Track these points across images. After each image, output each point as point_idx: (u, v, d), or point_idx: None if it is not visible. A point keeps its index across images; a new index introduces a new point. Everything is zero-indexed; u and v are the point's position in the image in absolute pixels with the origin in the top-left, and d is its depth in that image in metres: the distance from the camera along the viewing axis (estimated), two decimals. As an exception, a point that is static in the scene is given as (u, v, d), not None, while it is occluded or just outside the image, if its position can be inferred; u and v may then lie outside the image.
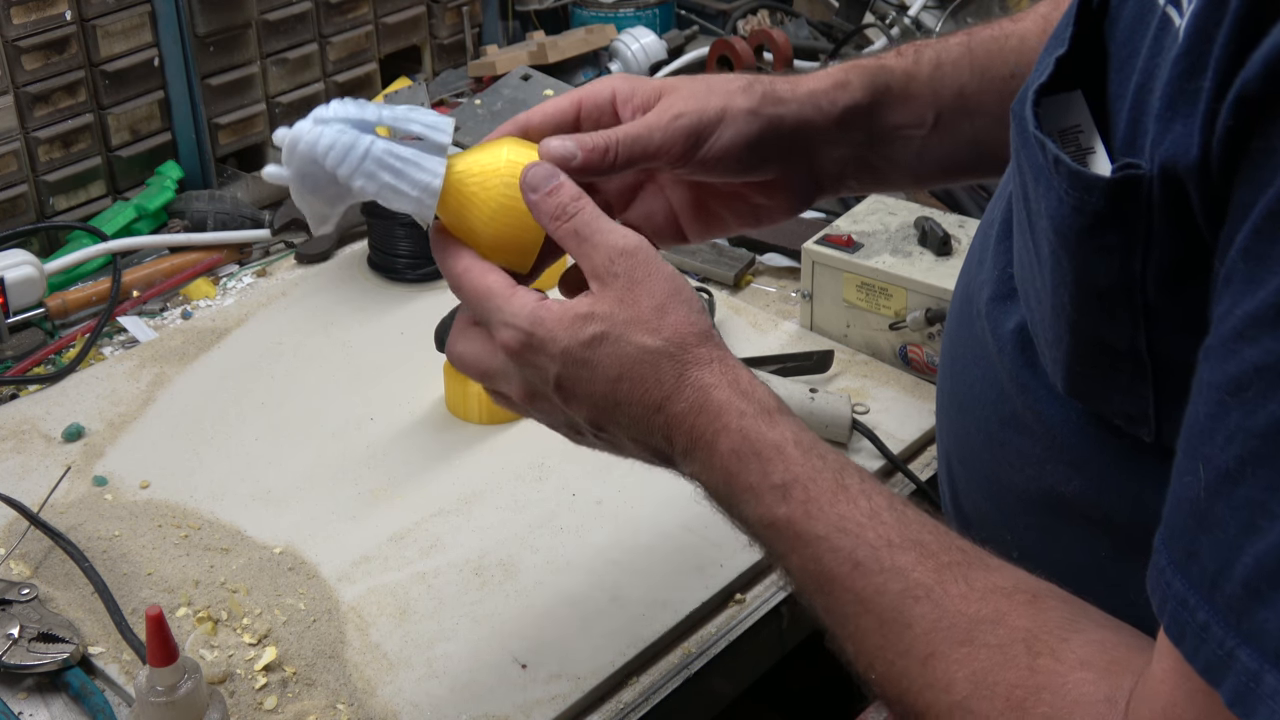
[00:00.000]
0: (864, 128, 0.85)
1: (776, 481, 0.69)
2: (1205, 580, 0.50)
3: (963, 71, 0.86)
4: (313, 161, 0.77)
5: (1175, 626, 0.51)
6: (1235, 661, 0.48)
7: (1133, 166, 0.56)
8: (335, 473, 1.12)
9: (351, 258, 1.43)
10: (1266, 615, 0.47)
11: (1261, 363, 0.47)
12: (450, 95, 1.70)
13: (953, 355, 0.81)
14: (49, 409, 1.20)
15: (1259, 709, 0.47)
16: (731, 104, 0.80)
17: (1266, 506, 0.47)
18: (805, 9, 1.96)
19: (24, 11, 1.32)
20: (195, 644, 0.94)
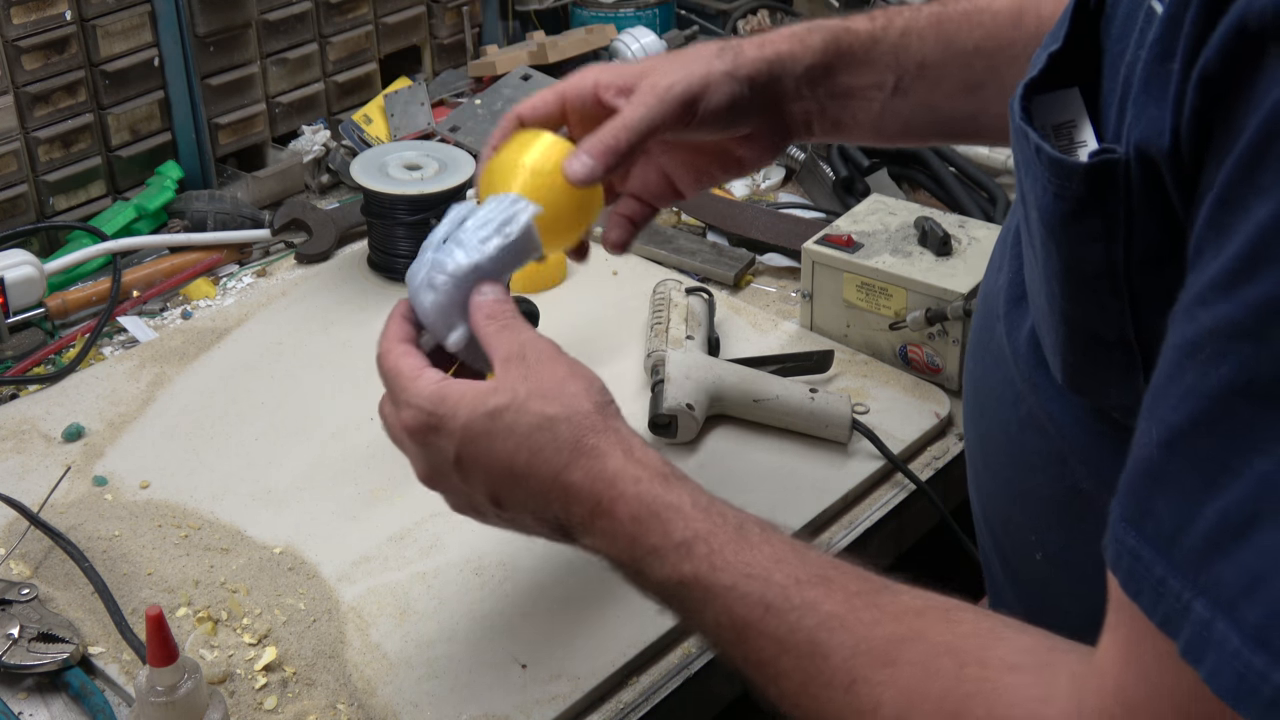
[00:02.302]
0: (824, 85, 0.91)
1: (679, 540, 0.70)
2: (1163, 537, 0.51)
3: (928, 41, 0.91)
4: None
5: (1132, 583, 0.52)
6: (1191, 612, 0.49)
7: (1109, 152, 0.57)
8: (335, 473, 1.12)
9: (351, 258, 1.43)
10: (1224, 568, 0.48)
11: (1215, 326, 0.48)
12: (450, 95, 1.70)
13: (974, 359, 0.83)
14: (49, 409, 1.20)
15: (1207, 655, 0.48)
16: (711, 69, 0.87)
17: (1225, 464, 0.48)
18: (805, 9, 1.96)
19: (24, 11, 1.32)
20: (195, 644, 0.94)
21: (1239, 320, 0.47)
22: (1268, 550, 0.47)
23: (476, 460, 0.76)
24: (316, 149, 1.57)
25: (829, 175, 1.50)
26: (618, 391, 1.19)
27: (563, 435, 0.74)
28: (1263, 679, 0.46)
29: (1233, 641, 0.47)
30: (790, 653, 0.65)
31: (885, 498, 1.12)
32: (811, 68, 0.90)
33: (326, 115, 1.63)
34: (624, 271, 1.39)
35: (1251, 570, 0.47)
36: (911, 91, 0.91)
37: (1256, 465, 0.47)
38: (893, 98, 0.91)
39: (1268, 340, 0.46)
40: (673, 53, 0.91)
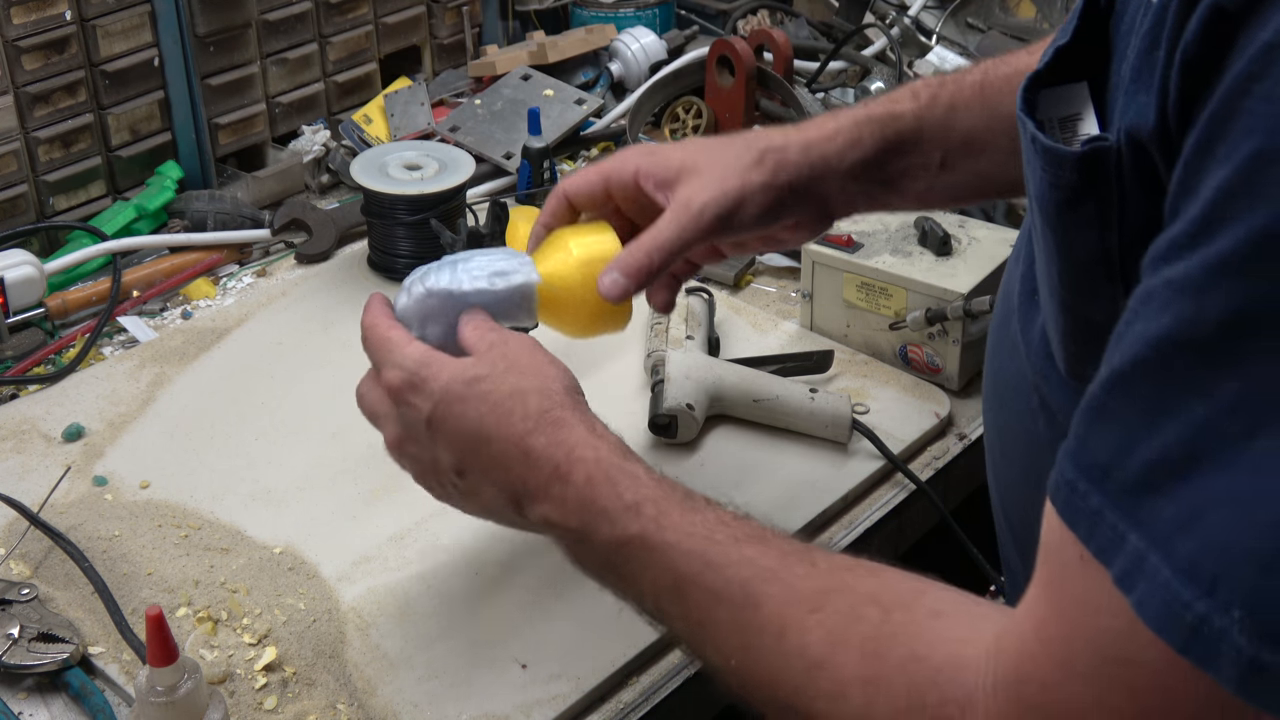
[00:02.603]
0: (874, 175, 0.91)
1: (629, 501, 0.74)
2: (1098, 469, 0.53)
3: (973, 113, 0.90)
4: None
5: (1069, 512, 0.54)
6: (1126, 543, 0.51)
7: (1101, 139, 0.58)
8: (335, 473, 1.12)
9: (351, 258, 1.43)
10: (1161, 504, 0.50)
11: (1169, 278, 0.50)
12: (450, 95, 1.70)
13: (993, 352, 0.84)
14: (49, 409, 1.20)
15: (1138, 584, 0.51)
16: (747, 181, 0.87)
17: (1163, 406, 0.50)
18: (805, 9, 1.96)
19: (24, 11, 1.32)
20: (195, 644, 0.94)
21: (1190, 275, 0.49)
22: (1203, 491, 0.49)
23: (447, 421, 0.80)
24: (316, 149, 1.57)
25: (829, 175, 1.50)
26: (618, 391, 1.20)
27: (532, 405, 0.79)
28: (1186, 608, 0.49)
29: (1163, 573, 0.49)
30: (725, 604, 0.68)
31: (885, 498, 1.12)
32: (858, 164, 0.90)
33: (326, 115, 1.63)
34: (624, 271, 1.39)
35: (1187, 508, 0.49)
36: (959, 165, 0.91)
37: (1194, 409, 0.49)
38: (940, 173, 0.92)
39: (1211, 295, 0.48)
40: (714, 147, 0.90)
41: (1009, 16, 1.86)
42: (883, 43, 1.78)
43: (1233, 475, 0.48)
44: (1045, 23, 1.83)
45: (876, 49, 1.79)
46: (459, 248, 1.10)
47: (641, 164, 0.89)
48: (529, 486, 0.78)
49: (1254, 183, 0.47)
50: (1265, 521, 0.47)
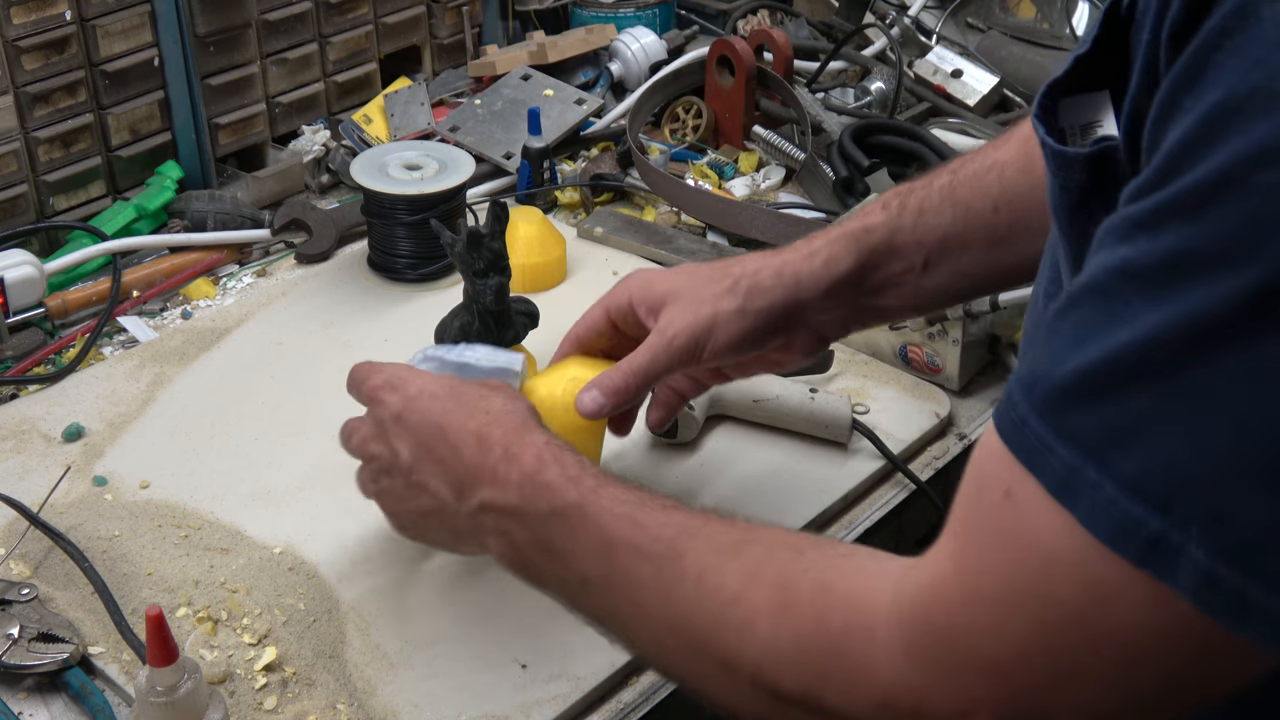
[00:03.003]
0: (854, 291, 0.93)
1: (572, 474, 0.78)
2: (1029, 380, 0.56)
3: (945, 215, 0.92)
4: None
5: (1000, 419, 0.57)
6: (1054, 455, 0.54)
7: (1108, 140, 0.60)
8: (335, 473, 1.11)
9: (351, 258, 1.43)
10: (1087, 419, 0.53)
11: (1129, 213, 0.53)
12: (450, 95, 1.70)
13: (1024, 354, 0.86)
14: (49, 409, 1.20)
15: (1081, 499, 0.53)
16: (720, 309, 0.91)
17: (1096, 328, 0.53)
18: (805, 9, 1.96)
19: (24, 11, 1.32)
20: (195, 644, 0.94)
21: (1143, 213, 0.52)
22: (1132, 410, 0.52)
23: (412, 413, 0.86)
24: (316, 149, 1.57)
25: (829, 175, 1.50)
26: (618, 391, 1.20)
27: (495, 406, 0.85)
28: (1140, 524, 0.51)
29: (1107, 489, 0.52)
30: (650, 560, 0.72)
31: (885, 498, 1.12)
32: (837, 281, 0.92)
33: (326, 115, 1.63)
34: (624, 271, 1.39)
35: (1114, 426, 0.52)
36: (941, 266, 0.92)
37: (1117, 334, 0.52)
38: (923, 276, 0.93)
39: (1158, 234, 0.51)
40: (697, 273, 0.94)
41: (1009, 16, 1.86)
42: (883, 43, 1.78)
43: (1160, 400, 0.51)
44: (1045, 22, 1.83)
45: (876, 49, 1.79)
46: (459, 248, 1.10)
47: (634, 292, 0.95)
48: (477, 470, 0.81)
49: (1213, 131, 0.49)
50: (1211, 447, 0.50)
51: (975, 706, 0.58)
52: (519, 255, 1.31)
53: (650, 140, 1.65)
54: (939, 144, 1.51)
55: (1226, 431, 0.50)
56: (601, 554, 0.75)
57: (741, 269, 0.93)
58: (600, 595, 0.76)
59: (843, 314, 0.95)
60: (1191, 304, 0.50)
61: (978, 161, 0.93)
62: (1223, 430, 0.50)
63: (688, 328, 0.91)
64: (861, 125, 1.55)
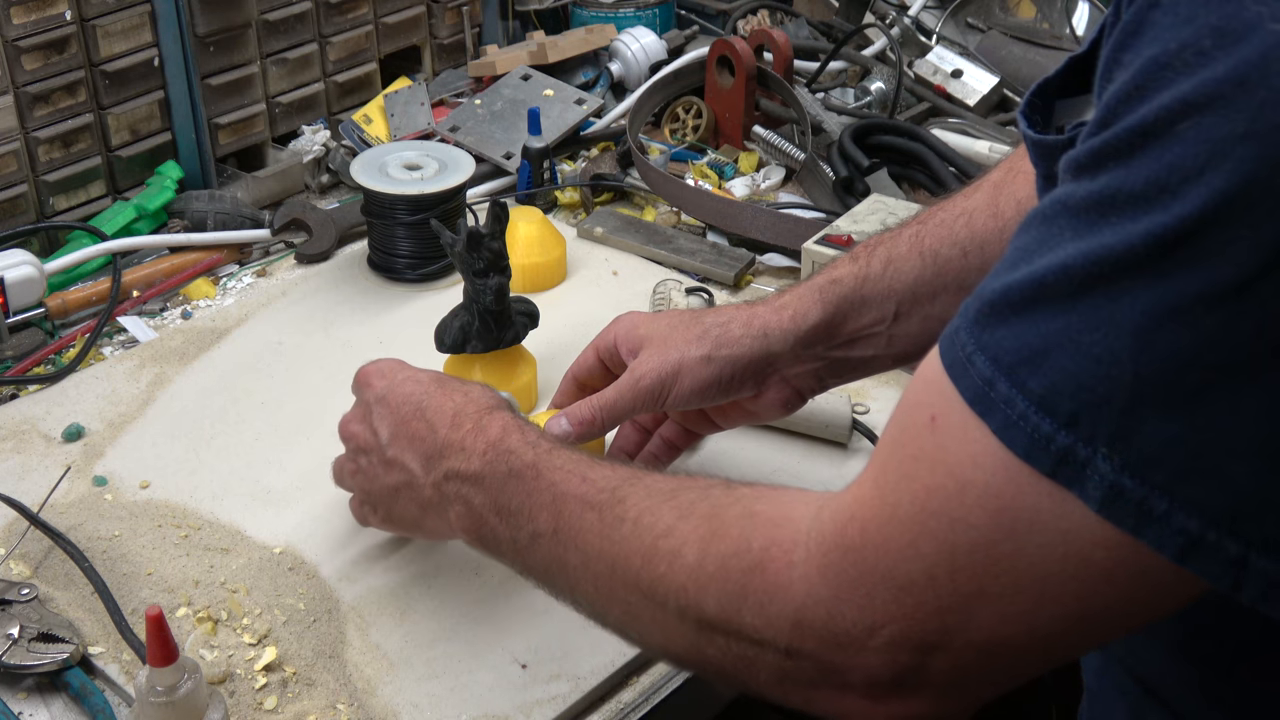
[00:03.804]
0: (825, 342, 0.95)
1: (532, 439, 0.83)
2: (969, 304, 0.59)
3: (914, 263, 0.93)
4: None
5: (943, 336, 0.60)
6: (972, 366, 0.57)
7: (1082, 125, 0.61)
8: (335, 473, 1.12)
9: (351, 258, 1.43)
10: (1003, 335, 0.56)
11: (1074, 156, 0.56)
12: (450, 95, 1.70)
13: None
14: (49, 409, 1.20)
15: (994, 411, 0.56)
16: (686, 355, 0.94)
17: (1027, 253, 0.57)
18: (805, 9, 1.96)
19: (24, 11, 1.32)
20: (195, 644, 0.94)
21: (1082, 157, 0.56)
22: (1044, 331, 0.55)
23: (394, 395, 0.91)
24: (316, 149, 1.57)
25: (829, 175, 1.50)
26: (618, 391, 1.20)
27: (473, 391, 0.90)
28: (1050, 440, 0.55)
29: (1018, 405, 0.55)
30: (595, 509, 0.76)
31: (885, 498, 1.12)
32: (808, 333, 0.94)
33: (326, 115, 1.63)
34: (624, 271, 1.39)
35: (1025, 343, 0.55)
36: (913, 314, 0.93)
37: (1042, 259, 0.55)
38: (895, 325, 0.94)
39: (1095, 175, 0.55)
40: (675, 320, 0.97)
41: (1009, 16, 1.86)
42: (883, 43, 1.78)
43: (1066, 323, 0.54)
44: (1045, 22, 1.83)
45: (876, 49, 1.79)
46: (459, 248, 1.10)
47: (619, 334, 0.99)
48: (447, 443, 0.86)
49: (1145, 84, 0.53)
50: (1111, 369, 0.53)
51: (882, 623, 0.61)
52: (519, 255, 1.31)
53: (650, 140, 1.65)
54: (939, 144, 1.51)
55: (1129, 356, 0.53)
56: (551, 507, 0.79)
57: (714, 319, 0.96)
58: (548, 547, 0.79)
59: (816, 367, 0.96)
60: (1110, 238, 0.53)
61: (946, 210, 0.94)
62: (1126, 355, 0.53)
63: (654, 370, 0.94)
64: (861, 125, 1.55)
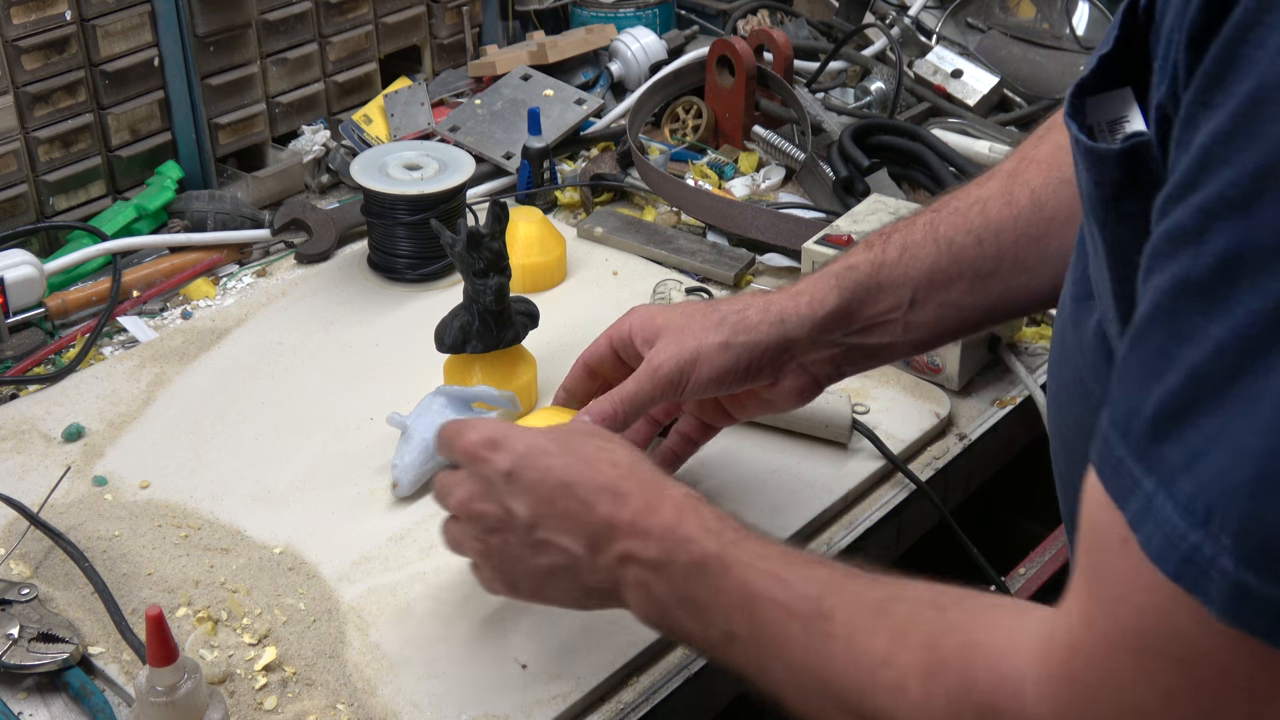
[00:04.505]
0: (842, 328, 0.95)
1: (712, 527, 0.77)
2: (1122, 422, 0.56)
3: (929, 250, 0.93)
4: None
5: (1100, 464, 0.57)
6: (1139, 488, 0.54)
7: (1139, 135, 0.60)
8: (335, 473, 1.12)
9: (351, 258, 1.43)
10: (1166, 449, 0.53)
11: (1168, 227, 0.53)
12: (450, 95, 1.70)
13: (1052, 361, 0.87)
14: (49, 409, 1.20)
15: (1146, 524, 0.53)
16: (704, 343, 0.94)
17: (1166, 353, 0.53)
18: (805, 9, 1.96)
19: (24, 11, 1.32)
20: (195, 644, 0.94)
21: (1184, 223, 0.51)
22: (1201, 432, 0.51)
23: (530, 471, 0.82)
24: (316, 149, 1.57)
25: (829, 175, 1.50)
26: (618, 391, 1.20)
27: (621, 457, 0.83)
28: (1181, 538, 0.51)
29: (1167, 509, 0.52)
30: (797, 618, 0.71)
31: (885, 498, 1.12)
32: (824, 319, 0.94)
33: (326, 115, 1.63)
34: (624, 271, 1.39)
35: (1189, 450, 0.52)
36: (929, 300, 0.93)
37: (1190, 354, 0.52)
38: (910, 312, 0.94)
39: (1204, 241, 0.50)
40: (692, 311, 0.97)
41: (1009, 16, 1.86)
42: (883, 43, 1.78)
43: (1225, 414, 0.50)
44: (1045, 22, 1.83)
45: (876, 49, 1.79)
46: (459, 248, 1.10)
47: (634, 325, 0.98)
48: (615, 523, 0.79)
49: (1247, 123, 0.49)
50: (1250, 450, 0.49)
51: None
52: (519, 255, 1.31)
53: (650, 140, 1.65)
54: (939, 144, 1.51)
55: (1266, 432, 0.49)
56: (745, 609, 0.74)
57: (730, 306, 0.96)
58: (746, 651, 0.75)
59: (833, 354, 0.96)
60: (1255, 301, 0.49)
61: (960, 198, 0.94)
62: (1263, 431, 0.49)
63: (673, 358, 0.94)
64: (861, 125, 1.55)
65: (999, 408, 1.22)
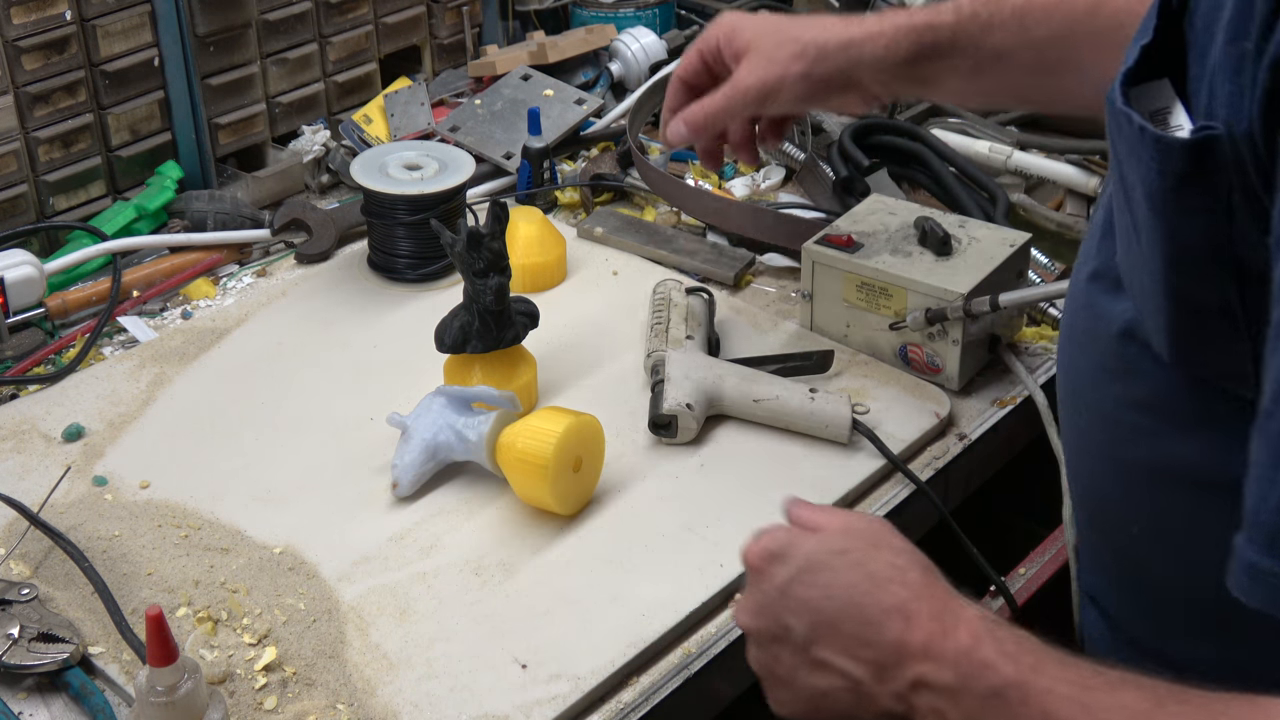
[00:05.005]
0: (908, 74, 1.07)
1: (1009, 650, 0.72)
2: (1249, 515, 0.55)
3: (1009, 32, 1.03)
4: None
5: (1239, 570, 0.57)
6: None
7: (1210, 128, 0.61)
8: (335, 473, 1.12)
9: (351, 258, 1.43)
10: None
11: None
12: (450, 95, 1.70)
13: (1065, 352, 0.88)
14: (49, 409, 1.20)
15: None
16: (789, 71, 1.07)
17: None
18: (805, 9, 1.96)
19: (24, 11, 1.32)
20: (195, 644, 0.94)
21: None
22: None
23: (811, 587, 0.78)
24: (316, 149, 1.57)
25: (829, 175, 1.50)
26: (618, 391, 1.20)
27: (913, 577, 0.77)
28: None
29: None
30: None
31: (885, 498, 1.12)
32: (892, 65, 1.06)
33: (326, 115, 1.63)
34: (624, 271, 1.39)
35: None
36: (987, 74, 1.05)
37: None
38: (970, 79, 1.06)
39: None
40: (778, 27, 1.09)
41: (1009, 16, 1.86)
42: None
43: None
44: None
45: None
46: (459, 248, 1.10)
47: (721, 37, 1.12)
48: (906, 648, 0.75)
49: None
50: None
51: None
52: (519, 255, 1.31)
53: (650, 140, 1.65)
54: (939, 144, 1.51)
55: None
56: None
57: (812, 35, 1.07)
58: None
59: (893, 85, 1.09)
60: None
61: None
62: None
63: (759, 83, 1.08)
64: (861, 125, 1.55)
65: (999, 407, 1.22)
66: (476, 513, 1.07)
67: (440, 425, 1.08)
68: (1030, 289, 1.22)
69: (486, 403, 1.09)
